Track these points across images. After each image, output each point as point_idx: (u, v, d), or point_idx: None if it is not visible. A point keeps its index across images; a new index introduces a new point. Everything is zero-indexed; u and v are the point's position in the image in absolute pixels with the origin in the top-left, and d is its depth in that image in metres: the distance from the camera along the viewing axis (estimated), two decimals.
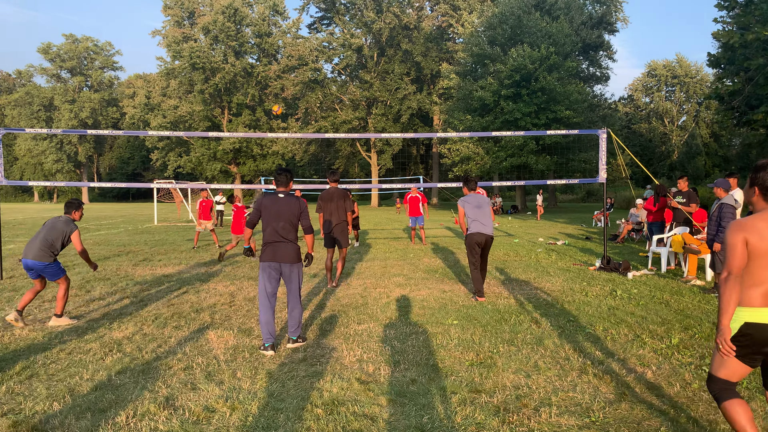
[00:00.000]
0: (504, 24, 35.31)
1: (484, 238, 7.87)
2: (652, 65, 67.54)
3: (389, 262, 11.97)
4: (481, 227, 7.87)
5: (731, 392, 2.99)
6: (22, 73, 77.85)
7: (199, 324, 6.63)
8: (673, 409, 4.04)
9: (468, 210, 7.97)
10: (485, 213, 7.95)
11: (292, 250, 5.74)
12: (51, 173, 72.12)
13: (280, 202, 5.76)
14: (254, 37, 57.75)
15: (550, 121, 32.90)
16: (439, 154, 46.79)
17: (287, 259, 5.69)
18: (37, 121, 71.98)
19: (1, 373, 4.89)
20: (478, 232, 7.85)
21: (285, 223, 5.72)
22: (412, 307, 7.43)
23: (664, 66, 66.36)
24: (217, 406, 4.15)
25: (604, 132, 10.66)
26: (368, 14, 47.19)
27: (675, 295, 8.14)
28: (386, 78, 48.78)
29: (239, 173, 58.91)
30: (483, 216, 7.93)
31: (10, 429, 3.76)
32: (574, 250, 13.93)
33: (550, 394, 4.33)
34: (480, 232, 7.85)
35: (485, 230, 7.88)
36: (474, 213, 7.92)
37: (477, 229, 7.86)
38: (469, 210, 7.96)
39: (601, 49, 43.20)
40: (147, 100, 62.84)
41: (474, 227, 7.87)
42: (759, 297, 2.85)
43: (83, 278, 9.94)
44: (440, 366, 5.01)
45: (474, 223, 7.88)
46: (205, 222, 15.10)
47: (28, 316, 7.02)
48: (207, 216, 15.13)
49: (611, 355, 5.28)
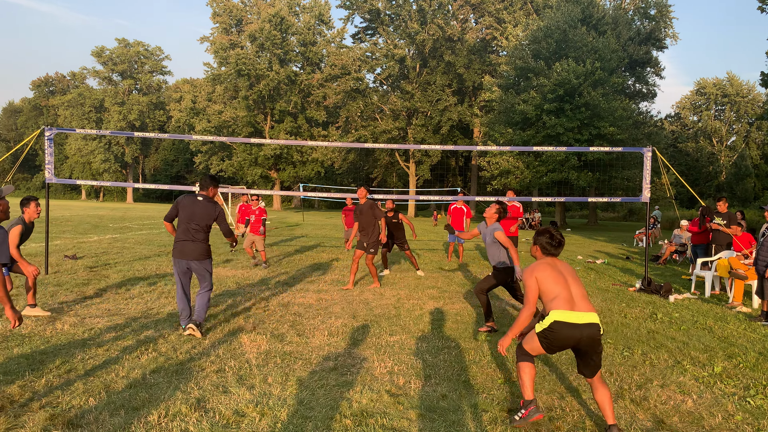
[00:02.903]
0: (549, 38, 34.95)
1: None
2: (701, 83, 65.78)
3: (424, 273, 11.90)
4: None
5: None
6: (76, 75, 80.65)
7: (233, 327, 6.69)
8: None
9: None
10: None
11: (201, 248, 6.24)
12: (98, 173, 74.35)
13: (198, 205, 6.23)
14: (299, 45, 58.58)
15: (593, 136, 32.35)
16: (478, 166, 46.48)
17: (195, 256, 6.20)
18: (87, 122, 74.42)
19: (42, 366, 5.03)
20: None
21: (197, 224, 6.18)
22: (446, 321, 7.36)
23: (714, 84, 64.57)
24: (247, 411, 4.17)
25: (649, 150, 10.42)
26: (412, 25, 47.35)
27: (719, 321, 7.86)
28: (428, 89, 48.79)
29: (279, 179, 59.63)
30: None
31: (47, 422, 3.85)
32: (613, 270, 13.61)
33: (584, 418, 4.22)
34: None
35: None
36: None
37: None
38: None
39: (648, 65, 42.30)
40: (193, 104, 64.29)
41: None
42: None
43: (123, 276, 10.18)
44: (472, 383, 4.94)
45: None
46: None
47: (70, 311, 7.22)
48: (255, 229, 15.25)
49: (650, 380, 5.12)
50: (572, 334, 3.85)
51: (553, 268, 4.09)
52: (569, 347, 3.95)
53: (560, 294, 3.95)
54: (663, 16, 42.83)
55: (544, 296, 4.02)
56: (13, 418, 3.90)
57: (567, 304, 3.91)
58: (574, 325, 3.84)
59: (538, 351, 4.06)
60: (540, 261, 4.18)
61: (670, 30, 43.92)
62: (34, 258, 11.99)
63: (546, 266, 4.09)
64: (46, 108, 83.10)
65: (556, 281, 4.00)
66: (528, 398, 4.03)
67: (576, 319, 3.86)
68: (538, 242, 4.25)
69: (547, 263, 4.13)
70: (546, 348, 4.00)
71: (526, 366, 4.08)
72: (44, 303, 7.63)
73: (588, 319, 3.88)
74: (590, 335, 3.85)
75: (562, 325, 3.85)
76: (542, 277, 4.03)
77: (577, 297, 3.97)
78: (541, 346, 4.01)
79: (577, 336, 3.85)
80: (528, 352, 4.10)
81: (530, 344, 4.08)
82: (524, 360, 4.10)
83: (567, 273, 4.11)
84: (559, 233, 4.22)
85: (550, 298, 3.97)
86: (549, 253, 4.20)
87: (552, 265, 4.12)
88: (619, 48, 35.54)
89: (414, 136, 48.68)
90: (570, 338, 3.86)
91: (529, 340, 4.09)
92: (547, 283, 4.00)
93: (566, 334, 3.85)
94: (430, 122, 48.74)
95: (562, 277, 4.05)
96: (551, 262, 4.15)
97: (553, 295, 3.97)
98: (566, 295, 3.95)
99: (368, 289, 9.72)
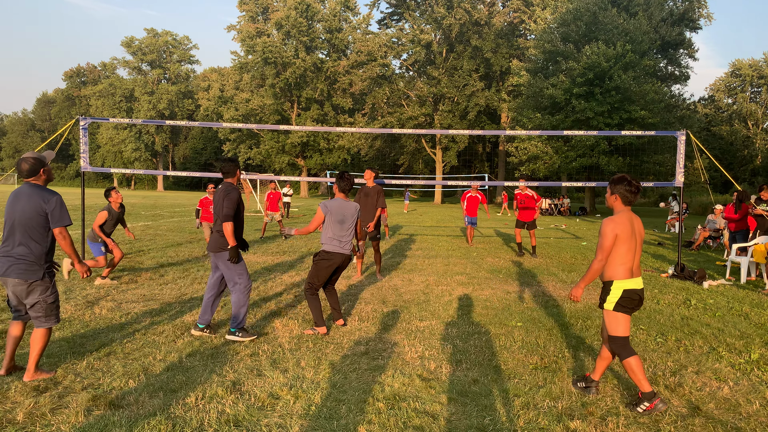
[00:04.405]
0: (578, 20, 34.30)
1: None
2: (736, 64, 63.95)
3: (452, 260, 11.90)
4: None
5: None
6: (107, 65, 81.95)
7: (265, 312, 6.79)
8: (751, 429, 3.83)
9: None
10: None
11: (215, 239, 5.70)
12: (130, 161, 75.71)
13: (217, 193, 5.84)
14: (325, 32, 58.57)
15: (623, 121, 31.76)
16: (506, 152, 46.06)
17: (212, 248, 5.70)
18: (118, 112, 75.71)
19: (82, 349, 5.18)
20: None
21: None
22: (475, 307, 7.36)
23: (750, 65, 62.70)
24: (281, 394, 4.25)
25: (683, 134, 10.20)
26: (439, 10, 46.89)
27: (755, 307, 7.70)
28: (454, 74, 48.36)
29: (306, 166, 59.97)
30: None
31: (89, 402, 3.97)
32: (645, 256, 13.41)
33: (617, 404, 4.19)
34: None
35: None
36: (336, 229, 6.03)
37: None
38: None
39: (681, 47, 41.26)
40: (221, 93, 64.88)
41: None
42: None
43: (157, 262, 10.38)
44: (503, 368, 4.94)
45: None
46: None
47: (107, 296, 7.41)
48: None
49: (684, 367, 5.06)
50: (639, 296, 4.19)
51: (631, 227, 4.15)
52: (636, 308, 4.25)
53: (626, 263, 4.13)
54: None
55: (613, 258, 4.13)
56: (57, 399, 4.03)
57: (629, 273, 4.14)
58: (638, 290, 4.17)
59: (627, 325, 4.19)
60: (621, 215, 4.17)
61: (704, 10, 42.73)
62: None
63: (627, 224, 4.13)
64: (78, 98, 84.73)
65: (629, 247, 4.13)
66: (646, 390, 4.04)
67: (636, 285, 4.16)
68: (616, 191, 4.23)
69: (627, 220, 4.16)
70: (629, 314, 4.24)
71: (632, 360, 4.10)
72: (82, 288, 7.84)
73: (642, 284, 4.23)
74: (642, 297, 4.24)
75: (630, 291, 4.14)
76: (621, 238, 4.10)
77: (636, 265, 4.20)
78: (626, 316, 4.19)
79: (640, 297, 4.20)
80: (621, 339, 4.16)
81: (615, 327, 4.18)
82: (626, 356, 4.12)
83: (639, 235, 4.24)
84: (635, 179, 4.24)
85: (617, 263, 4.13)
86: (628, 201, 4.22)
87: (630, 222, 4.16)
88: (650, 29, 34.73)
89: (441, 122, 48.38)
90: (638, 300, 4.19)
91: (613, 323, 4.19)
92: (623, 247, 4.11)
93: (636, 297, 4.16)
94: (457, 108, 48.36)
95: (634, 241, 4.17)
96: (629, 218, 4.18)
97: (621, 261, 4.12)
98: (630, 264, 4.15)
99: (397, 275, 9.75)
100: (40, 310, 4.40)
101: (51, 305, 4.45)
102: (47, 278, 4.42)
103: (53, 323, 4.49)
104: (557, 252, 13.75)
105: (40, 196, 4.34)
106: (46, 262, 4.43)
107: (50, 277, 4.46)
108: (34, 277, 4.34)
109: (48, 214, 4.34)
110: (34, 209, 4.32)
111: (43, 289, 4.40)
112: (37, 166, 4.44)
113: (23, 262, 4.32)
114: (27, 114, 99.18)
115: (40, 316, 4.41)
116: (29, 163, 4.41)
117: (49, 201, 4.34)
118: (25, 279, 4.32)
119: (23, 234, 4.32)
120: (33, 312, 4.41)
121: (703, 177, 11.94)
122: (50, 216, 4.34)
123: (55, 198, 4.37)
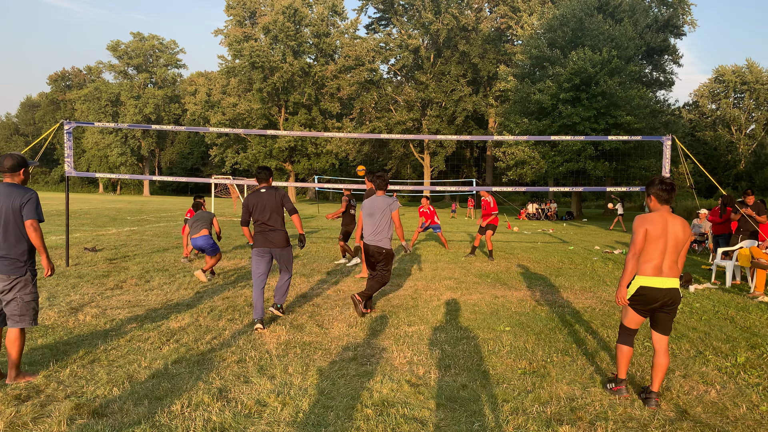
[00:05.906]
0: (565, 26, 34.55)
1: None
2: (719, 70, 64.69)
3: (440, 264, 11.89)
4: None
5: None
6: (92, 69, 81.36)
7: (252, 318, 6.73)
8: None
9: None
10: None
11: (283, 235, 6.53)
12: (115, 166, 75.09)
13: (264, 196, 6.50)
14: (313, 37, 58.50)
15: (609, 126, 32.00)
16: (494, 157, 46.20)
17: (279, 244, 6.49)
18: (104, 116, 75.09)
19: (65, 356, 5.10)
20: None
21: (270, 213, 6.45)
22: (463, 312, 7.35)
23: (733, 71, 63.48)
24: (268, 401, 4.20)
25: (668, 139, 10.29)
26: (426, 15, 47.06)
27: (741, 311, 7.76)
28: (442, 79, 48.52)
29: (293, 171, 59.79)
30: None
31: (72, 411, 3.90)
32: None
33: (606, 408, 4.19)
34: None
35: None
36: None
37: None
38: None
39: (666, 53, 41.68)
40: (208, 97, 64.54)
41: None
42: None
43: (143, 268, 10.27)
44: (492, 373, 4.93)
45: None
46: None
47: (91, 303, 7.31)
48: None
49: (671, 371, 5.07)
50: (657, 296, 4.25)
51: (663, 226, 4.25)
52: (656, 308, 4.32)
53: (653, 260, 4.24)
54: (681, 2, 42.17)
55: (642, 255, 4.27)
56: (40, 408, 3.96)
57: (656, 271, 4.24)
58: (659, 289, 4.24)
59: (635, 320, 4.41)
60: (655, 213, 4.30)
61: (688, 17, 43.24)
62: (55, 250, 12.14)
63: (658, 222, 4.25)
64: (63, 102, 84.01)
65: (657, 245, 4.24)
66: (621, 377, 4.45)
67: (660, 284, 4.22)
68: (651, 192, 4.38)
69: (660, 218, 4.27)
70: (639, 312, 4.38)
71: (623, 348, 4.45)
72: (66, 294, 7.73)
73: (670, 284, 4.24)
74: (672, 297, 4.27)
75: (647, 289, 4.25)
76: (651, 236, 4.23)
77: (666, 266, 4.26)
78: (636, 312, 4.38)
79: (661, 297, 4.25)
80: (627, 327, 4.46)
81: (624, 316, 4.47)
82: (623, 342, 4.47)
83: (673, 235, 4.27)
84: (668, 178, 4.32)
85: (644, 260, 4.27)
86: (664, 199, 4.34)
87: (663, 221, 4.26)
88: (636, 36, 35.04)
89: (428, 127, 48.52)
90: (655, 299, 4.26)
91: (624, 312, 4.47)
92: (650, 244, 4.24)
93: (653, 296, 4.25)
94: (445, 113, 48.52)
95: (664, 241, 4.25)
96: (663, 217, 4.28)
97: (647, 258, 4.26)
98: (657, 262, 4.24)
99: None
100: (16, 308, 4.44)
101: (28, 304, 4.49)
102: (29, 275, 4.51)
103: (27, 324, 4.49)
104: (545, 256, 13.80)
105: (17, 194, 4.47)
106: (29, 259, 4.54)
107: (32, 275, 4.55)
108: (17, 274, 4.44)
109: (22, 207, 4.45)
110: (13, 206, 4.43)
111: (23, 286, 4.46)
112: (21, 164, 4.59)
113: (6, 258, 4.41)
114: (11, 118, 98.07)
115: (15, 314, 4.44)
116: (15, 160, 4.56)
117: (25, 196, 4.49)
118: (8, 275, 4.41)
119: (4, 231, 4.42)
120: (8, 309, 4.44)
121: (689, 182, 12.11)
122: (24, 208, 4.45)
123: (31, 193, 4.53)
